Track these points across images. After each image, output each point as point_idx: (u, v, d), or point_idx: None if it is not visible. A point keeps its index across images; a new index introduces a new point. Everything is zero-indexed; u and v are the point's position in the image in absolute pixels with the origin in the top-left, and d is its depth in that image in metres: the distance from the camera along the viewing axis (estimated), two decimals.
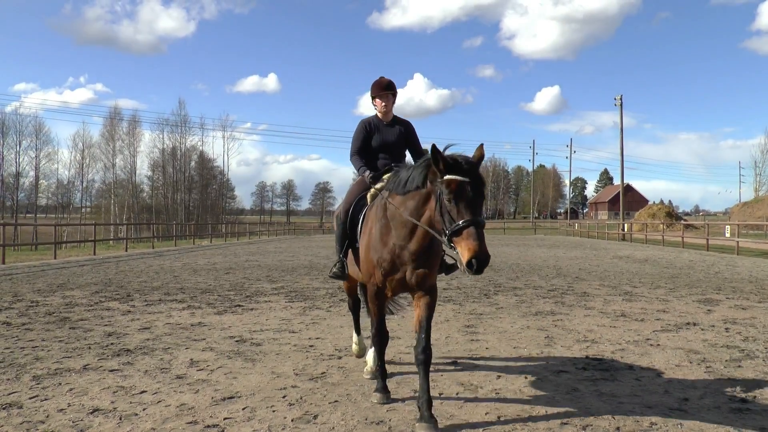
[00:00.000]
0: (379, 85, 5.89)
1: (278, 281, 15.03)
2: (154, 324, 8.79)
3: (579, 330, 8.44)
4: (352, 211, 5.57)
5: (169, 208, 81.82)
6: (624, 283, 14.65)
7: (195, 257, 25.30)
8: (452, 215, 4.13)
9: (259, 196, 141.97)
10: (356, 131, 5.92)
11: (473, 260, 3.91)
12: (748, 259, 24.40)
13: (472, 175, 4.22)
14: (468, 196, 4.15)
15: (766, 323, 9.08)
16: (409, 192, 4.68)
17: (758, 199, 70.24)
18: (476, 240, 3.97)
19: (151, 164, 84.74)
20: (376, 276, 4.95)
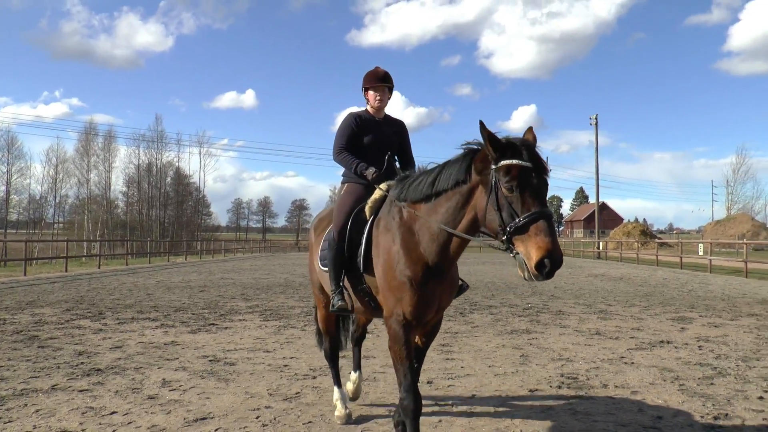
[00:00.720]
0: (375, 75, 4.99)
1: (253, 299, 14.91)
2: (126, 343, 8.65)
3: (554, 348, 8.46)
4: (349, 230, 4.57)
5: (144, 224, 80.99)
6: (599, 301, 14.76)
7: (169, 275, 25.03)
8: (514, 208, 3.39)
9: (235, 213, 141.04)
10: (343, 125, 4.96)
11: (546, 260, 3.19)
12: (721, 277, 24.76)
13: (535, 159, 3.50)
14: (533, 183, 3.43)
15: (737, 341, 9.19)
16: (441, 193, 3.92)
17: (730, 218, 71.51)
18: (548, 236, 3.27)
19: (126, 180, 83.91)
20: (405, 304, 3.94)
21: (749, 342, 9.12)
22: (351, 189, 4.85)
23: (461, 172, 3.80)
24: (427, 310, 4.04)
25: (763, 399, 5.92)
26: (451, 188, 3.85)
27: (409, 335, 4.03)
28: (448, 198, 3.86)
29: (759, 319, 11.82)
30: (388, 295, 4.05)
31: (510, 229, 3.37)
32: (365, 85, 4.99)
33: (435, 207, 3.95)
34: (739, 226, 65.34)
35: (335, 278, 4.58)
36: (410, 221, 4.09)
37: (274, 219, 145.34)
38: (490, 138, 3.52)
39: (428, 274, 3.97)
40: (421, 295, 3.95)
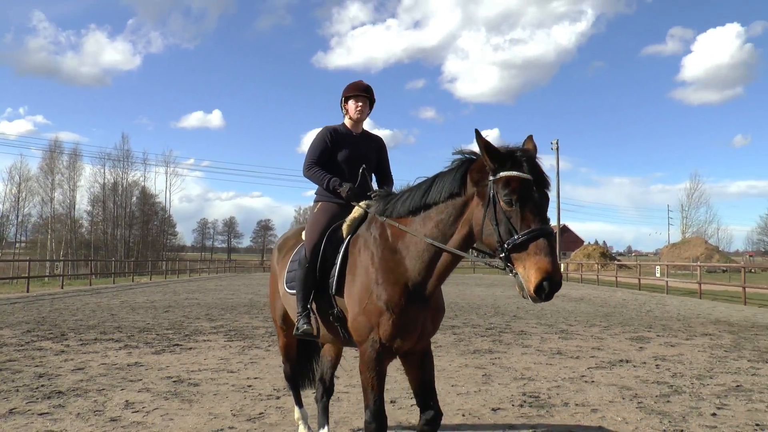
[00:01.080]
0: (357, 86, 4.68)
1: (218, 320, 14.81)
2: (89, 364, 8.55)
3: (516, 368, 8.60)
4: (323, 249, 4.26)
5: (109, 244, 79.53)
6: (560, 322, 14.99)
7: (134, 295, 24.67)
8: (513, 224, 3.15)
9: (200, 233, 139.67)
10: (317, 138, 4.60)
11: (544, 283, 2.99)
12: (677, 298, 25.32)
13: (536, 171, 3.26)
14: (534, 198, 3.19)
15: (692, 359, 9.46)
16: (432, 206, 3.67)
17: (685, 241, 73.10)
18: (548, 255, 3.04)
19: (91, 199, 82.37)
20: (382, 329, 3.65)
21: (703, 360, 9.40)
22: (325, 207, 4.53)
23: (455, 183, 3.55)
24: (407, 336, 3.72)
25: (716, 416, 6.13)
26: (444, 200, 3.60)
27: (384, 362, 3.77)
28: (440, 211, 3.61)
29: (712, 338, 12.17)
30: (362, 320, 3.73)
31: (508, 246, 3.14)
32: (346, 95, 4.66)
33: (424, 221, 3.69)
34: (693, 249, 66.94)
35: (303, 300, 4.23)
36: (393, 239, 3.82)
37: (240, 239, 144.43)
38: (486, 147, 3.28)
39: (410, 297, 3.68)
40: (400, 321, 3.64)
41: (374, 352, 3.69)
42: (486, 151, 3.28)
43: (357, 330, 3.79)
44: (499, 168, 3.25)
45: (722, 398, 6.89)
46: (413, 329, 3.73)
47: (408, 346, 3.81)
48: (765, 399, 6.89)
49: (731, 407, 6.50)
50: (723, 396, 7.01)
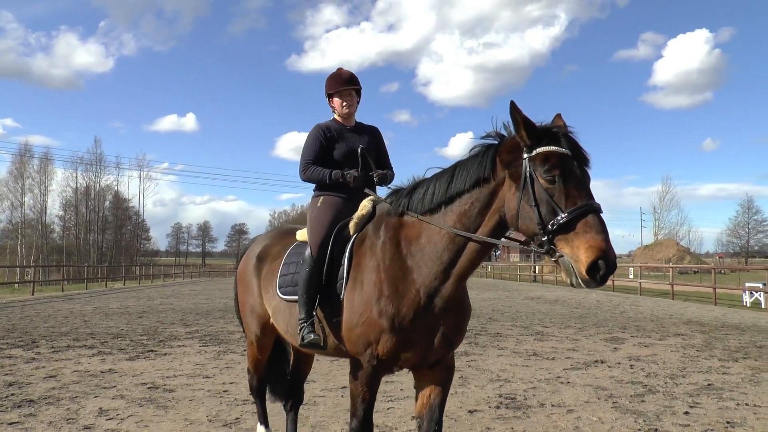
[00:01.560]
0: (339, 78, 4.30)
1: (192, 325, 14.68)
2: (61, 372, 8.42)
3: (492, 370, 8.65)
4: (331, 248, 3.82)
5: (81, 249, 78.48)
6: (535, 324, 15.11)
7: (107, 300, 24.36)
8: (556, 202, 2.83)
9: (174, 238, 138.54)
10: (310, 138, 4.25)
11: (600, 262, 2.64)
12: (650, 299, 25.70)
13: (575, 146, 2.98)
14: (577, 173, 2.90)
15: (665, 359, 9.59)
16: (454, 199, 3.31)
17: (657, 243, 74.15)
18: (601, 233, 2.71)
19: (63, 204, 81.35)
20: (382, 346, 3.30)
21: (676, 360, 9.54)
22: (329, 201, 4.11)
23: (483, 167, 3.20)
24: (414, 351, 3.36)
25: (688, 414, 6.23)
26: (469, 189, 3.25)
27: (380, 377, 3.47)
28: (463, 203, 3.27)
29: (685, 338, 12.37)
30: (359, 332, 3.38)
31: (552, 228, 2.81)
32: (328, 92, 4.33)
33: (444, 217, 3.35)
34: (665, 250, 67.91)
35: (307, 304, 3.76)
36: (407, 243, 3.45)
37: (214, 243, 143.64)
38: (525, 122, 2.98)
39: (421, 307, 3.31)
40: (405, 337, 3.29)
41: (370, 366, 3.37)
42: (524, 127, 2.97)
43: (352, 342, 3.45)
44: (535, 145, 2.96)
45: (694, 397, 7.00)
46: (420, 343, 3.35)
47: (416, 360, 3.43)
48: (735, 397, 7.01)
49: (703, 406, 6.60)
50: (695, 395, 7.11)
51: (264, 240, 4.85)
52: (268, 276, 4.38)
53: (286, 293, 4.02)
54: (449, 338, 3.45)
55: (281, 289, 4.09)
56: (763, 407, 6.56)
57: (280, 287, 4.11)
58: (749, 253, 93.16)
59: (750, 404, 6.69)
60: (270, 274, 4.37)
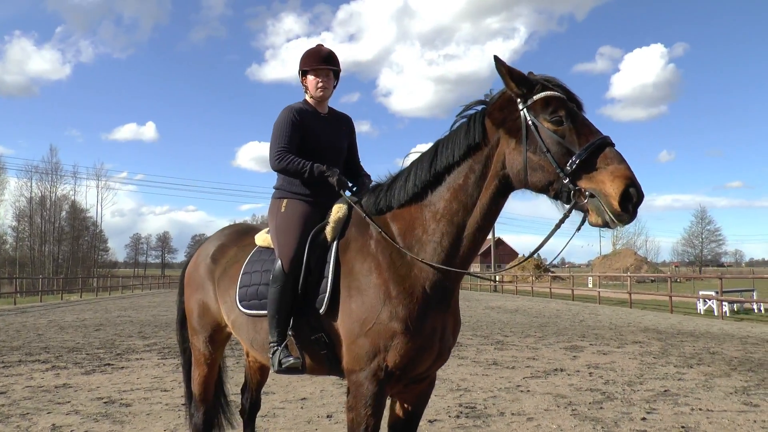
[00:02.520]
0: (317, 55, 3.82)
1: (151, 337, 14.41)
2: (12, 387, 8.17)
3: (452, 379, 8.68)
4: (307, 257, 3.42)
5: (36, 260, 76.52)
6: (496, 333, 15.23)
7: (63, 313, 23.76)
8: (568, 143, 2.69)
9: (133, 249, 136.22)
10: (282, 122, 3.71)
11: (630, 189, 2.52)
12: (609, 308, 26.13)
13: (568, 91, 2.87)
14: (580, 113, 2.82)
15: (623, 367, 9.75)
16: (444, 175, 3.10)
17: (616, 252, 75.52)
18: (623, 162, 2.60)
19: (17, 214, 79.26)
20: (393, 354, 2.98)
21: (634, 367, 9.71)
22: (295, 206, 3.67)
23: (472, 132, 3.00)
24: (423, 357, 3.09)
25: (645, 420, 6.34)
26: (459, 162, 3.04)
27: (386, 395, 3.11)
28: (455, 179, 3.05)
29: (642, 346, 12.60)
30: (364, 343, 3.03)
31: (571, 168, 2.64)
32: (303, 68, 3.85)
33: (435, 201, 3.11)
34: (623, 260, 69.19)
35: (280, 324, 3.35)
36: (403, 236, 3.20)
37: (174, 254, 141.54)
38: (510, 73, 2.84)
39: (429, 304, 3.07)
40: (418, 341, 3.02)
41: (375, 383, 3.00)
42: (511, 77, 2.84)
43: (355, 356, 3.07)
44: (528, 93, 2.84)
45: (651, 403, 7.13)
46: (431, 346, 3.10)
47: (422, 370, 3.16)
48: (690, 402, 7.16)
49: (659, 411, 6.73)
50: (652, 401, 7.24)
51: (218, 239, 4.39)
52: (224, 282, 3.98)
53: (250, 307, 3.62)
54: (451, 341, 3.28)
55: (243, 302, 3.68)
56: (716, 412, 6.71)
57: (240, 300, 3.69)
58: (703, 261, 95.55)
59: (704, 409, 6.85)
60: (227, 281, 3.95)
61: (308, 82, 3.83)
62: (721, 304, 21.47)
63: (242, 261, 3.89)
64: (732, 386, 8.17)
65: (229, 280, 3.93)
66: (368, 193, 3.49)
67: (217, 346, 4.26)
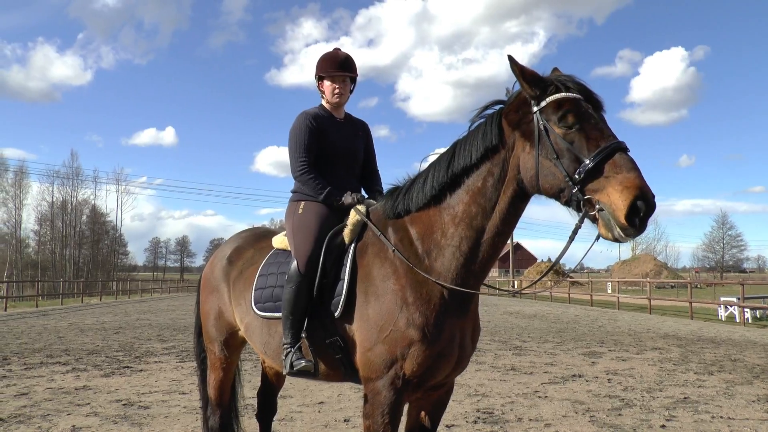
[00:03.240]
0: (333, 60, 3.76)
1: (170, 341, 14.52)
2: (34, 389, 8.27)
3: (470, 384, 8.65)
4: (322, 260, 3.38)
5: (57, 264, 77.46)
6: (514, 338, 15.16)
7: (83, 316, 24.01)
8: (577, 149, 2.59)
9: (152, 253, 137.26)
10: (298, 128, 3.68)
11: (638, 203, 2.39)
12: (628, 314, 25.87)
13: (586, 90, 2.76)
14: (593, 115, 2.68)
15: (643, 373, 9.66)
16: (461, 178, 3.04)
17: (635, 258, 74.76)
18: (633, 170, 2.46)
19: (39, 218, 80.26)
20: (411, 362, 2.93)
21: (653, 374, 9.61)
22: (313, 208, 3.63)
23: (489, 134, 2.93)
24: (441, 365, 3.03)
25: (665, 427, 6.28)
26: (477, 164, 2.98)
27: (403, 404, 3.05)
28: (474, 181, 2.99)
29: (662, 352, 12.47)
30: (381, 351, 2.98)
31: (579, 176, 2.56)
32: (319, 73, 3.79)
33: (453, 204, 3.06)
34: (643, 265, 68.46)
35: (293, 326, 3.33)
36: (421, 240, 3.14)
37: (193, 258, 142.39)
38: (523, 73, 2.77)
39: (448, 311, 3.01)
40: (437, 348, 2.96)
41: (392, 391, 2.96)
42: (524, 77, 2.77)
43: (371, 364, 3.02)
44: (542, 95, 2.75)
45: (671, 410, 7.05)
46: (450, 353, 3.04)
47: (440, 378, 3.11)
48: (710, 410, 7.07)
49: (679, 419, 6.65)
50: (672, 408, 7.17)
51: (236, 241, 4.37)
52: (239, 284, 3.95)
53: (265, 309, 3.59)
54: (470, 348, 3.22)
55: (258, 305, 3.65)
56: (737, 420, 6.63)
57: (256, 302, 3.67)
58: (724, 267, 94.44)
59: (724, 417, 6.76)
60: (242, 283, 3.93)
61: (325, 88, 3.78)
62: (743, 310, 21.19)
63: (258, 263, 3.88)
64: (754, 394, 8.06)
65: (245, 282, 3.91)
66: (387, 197, 3.41)
67: (232, 350, 4.24)
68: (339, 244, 3.42)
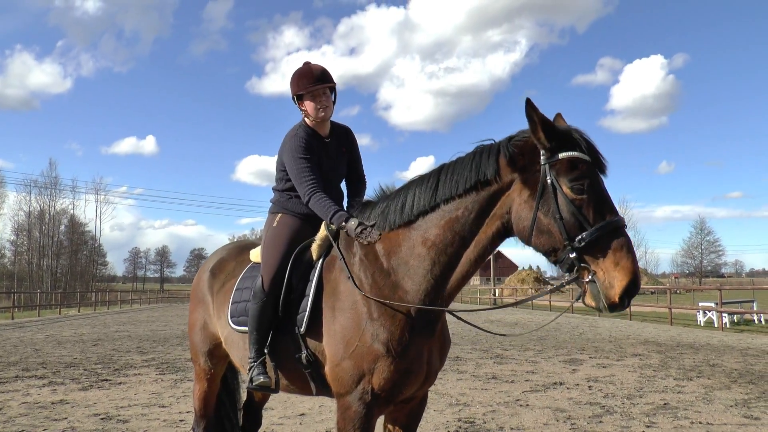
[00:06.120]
0: (309, 75, 3.58)
1: (149, 352, 14.36)
2: (8, 404, 8.12)
3: (451, 394, 8.64)
4: (287, 276, 3.39)
5: (34, 275, 76.40)
6: (495, 347, 15.17)
7: (60, 328, 23.69)
8: (585, 215, 2.58)
9: (132, 263, 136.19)
10: (298, 144, 3.54)
11: (632, 287, 2.47)
12: (608, 320, 26.04)
13: (597, 153, 2.72)
14: (602, 184, 2.68)
15: (623, 380, 9.71)
16: (439, 206, 2.99)
17: None
18: (630, 253, 2.51)
19: (15, 228, 79.26)
20: (378, 377, 2.93)
21: (633, 380, 9.67)
22: (287, 221, 3.63)
23: (485, 167, 2.86)
24: (411, 381, 3.02)
25: None
26: (462, 194, 2.92)
27: (375, 418, 3.05)
28: (455, 208, 2.94)
29: (642, 358, 12.56)
30: (348, 366, 2.98)
31: (580, 244, 2.56)
32: (298, 92, 3.60)
33: (426, 226, 3.02)
34: None
35: (257, 342, 3.35)
36: (387, 256, 3.11)
37: (173, 268, 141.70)
38: (543, 122, 2.67)
39: (414, 328, 2.99)
40: (403, 364, 2.95)
41: (362, 405, 2.95)
42: (542, 127, 2.67)
43: (340, 379, 3.02)
44: (555, 149, 2.67)
45: (651, 416, 7.10)
46: (418, 370, 3.04)
47: (409, 393, 3.11)
48: (689, 416, 7.13)
49: (659, 425, 6.69)
50: (652, 414, 7.21)
51: (220, 253, 4.43)
52: (221, 297, 3.99)
53: (240, 323, 3.61)
54: (437, 364, 3.24)
55: (233, 319, 3.68)
56: (716, 425, 6.68)
57: (231, 316, 3.70)
58: (703, 272, 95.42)
59: (704, 422, 6.81)
60: (223, 296, 3.96)
61: (307, 106, 3.60)
62: (721, 315, 21.44)
63: (238, 276, 3.91)
64: (732, 399, 8.14)
65: (224, 295, 3.94)
66: (358, 212, 3.38)
67: (216, 362, 4.22)
68: (307, 259, 3.43)
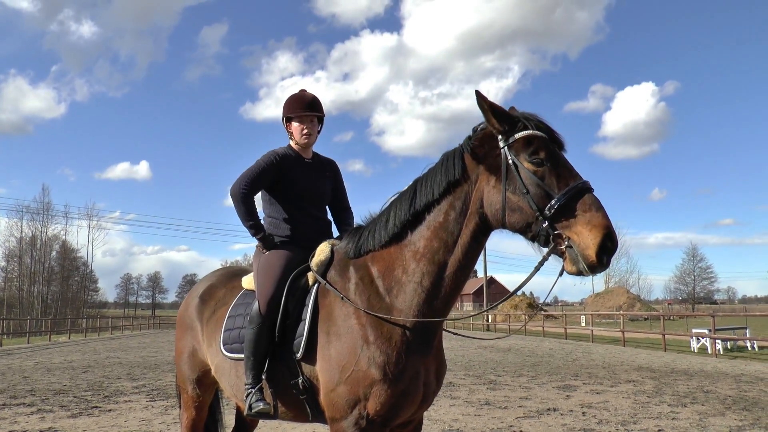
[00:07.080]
0: (300, 101, 3.80)
1: (140, 379, 14.21)
2: None
3: (444, 420, 8.58)
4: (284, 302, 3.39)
5: (24, 301, 75.72)
6: (488, 372, 15.10)
7: (50, 355, 23.44)
8: (547, 185, 2.68)
9: (123, 289, 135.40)
10: (262, 162, 3.72)
11: (608, 243, 2.52)
12: (602, 346, 25.99)
13: (551, 130, 2.85)
14: (560, 155, 2.81)
15: (617, 406, 9.67)
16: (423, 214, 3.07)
17: (608, 290, 75.39)
18: (600, 210, 2.58)
19: (6, 254, 78.73)
20: (374, 402, 2.90)
21: (627, 407, 9.63)
22: (278, 249, 3.69)
23: (452, 168, 2.98)
24: (406, 403, 2.99)
25: None
26: (439, 199, 3.01)
27: None
28: (437, 215, 3.02)
29: (636, 384, 12.51)
30: (344, 391, 2.96)
31: (550, 212, 2.63)
32: (287, 114, 3.81)
33: (415, 240, 3.08)
34: (616, 298, 68.99)
35: (254, 368, 3.33)
36: (382, 279, 3.15)
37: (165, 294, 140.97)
38: (492, 108, 2.81)
39: (410, 348, 2.99)
40: (400, 387, 2.93)
41: (356, 430, 2.93)
42: (492, 113, 2.81)
43: (335, 404, 3.00)
44: (510, 130, 2.81)
45: None
46: (415, 391, 3.01)
47: (405, 417, 3.08)
48: None
49: None
50: None
51: (209, 280, 4.40)
52: (211, 324, 3.96)
53: (233, 351, 3.58)
54: (434, 386, 3.21)
55: (225, 346, 3.65)
56: None
57: (224, 343, 3.67)
58: (696, 299, 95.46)
59: None
60: (214, 324, 3.93)
61: (293, 129, 3.81)
62: (715, 342, 21.41)
63: (229, 304, 3.88)
64: (726, 425, 8.10)
65: (216, 323, 3.91)
66: (350, 236, 3.45)
67: (205, 389, 4.18)
68: (303, 285, 3.44)
